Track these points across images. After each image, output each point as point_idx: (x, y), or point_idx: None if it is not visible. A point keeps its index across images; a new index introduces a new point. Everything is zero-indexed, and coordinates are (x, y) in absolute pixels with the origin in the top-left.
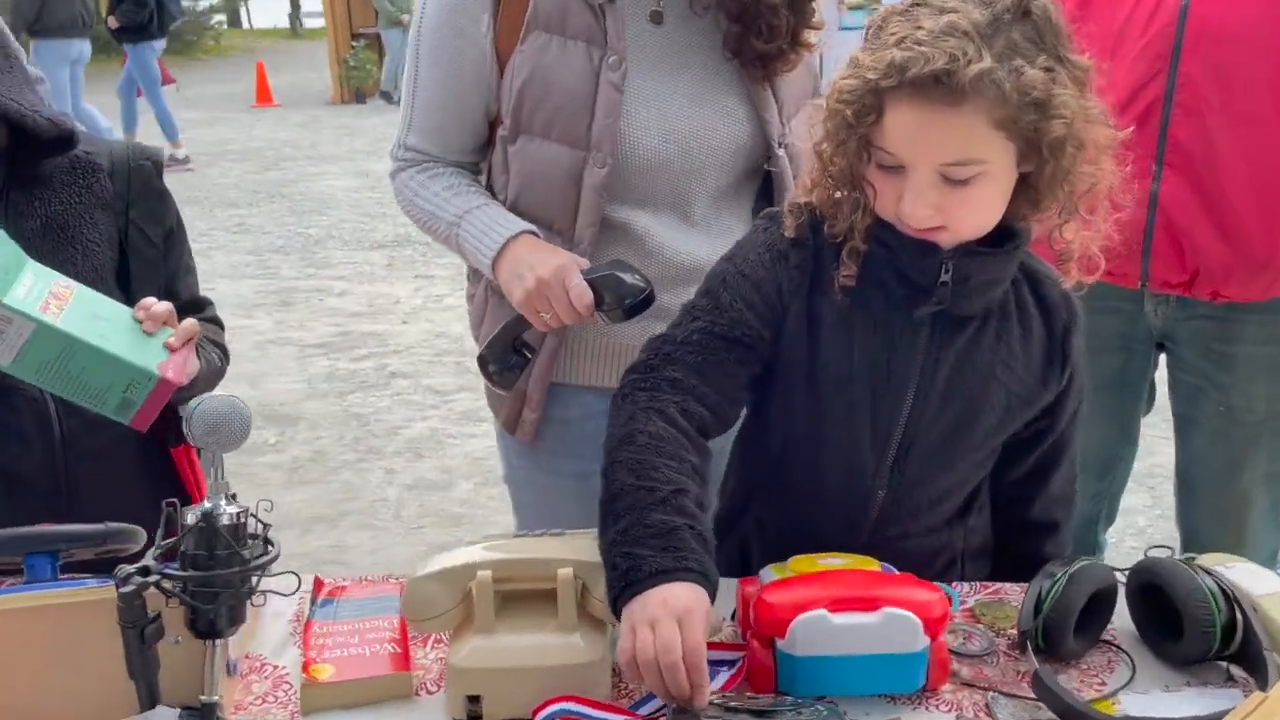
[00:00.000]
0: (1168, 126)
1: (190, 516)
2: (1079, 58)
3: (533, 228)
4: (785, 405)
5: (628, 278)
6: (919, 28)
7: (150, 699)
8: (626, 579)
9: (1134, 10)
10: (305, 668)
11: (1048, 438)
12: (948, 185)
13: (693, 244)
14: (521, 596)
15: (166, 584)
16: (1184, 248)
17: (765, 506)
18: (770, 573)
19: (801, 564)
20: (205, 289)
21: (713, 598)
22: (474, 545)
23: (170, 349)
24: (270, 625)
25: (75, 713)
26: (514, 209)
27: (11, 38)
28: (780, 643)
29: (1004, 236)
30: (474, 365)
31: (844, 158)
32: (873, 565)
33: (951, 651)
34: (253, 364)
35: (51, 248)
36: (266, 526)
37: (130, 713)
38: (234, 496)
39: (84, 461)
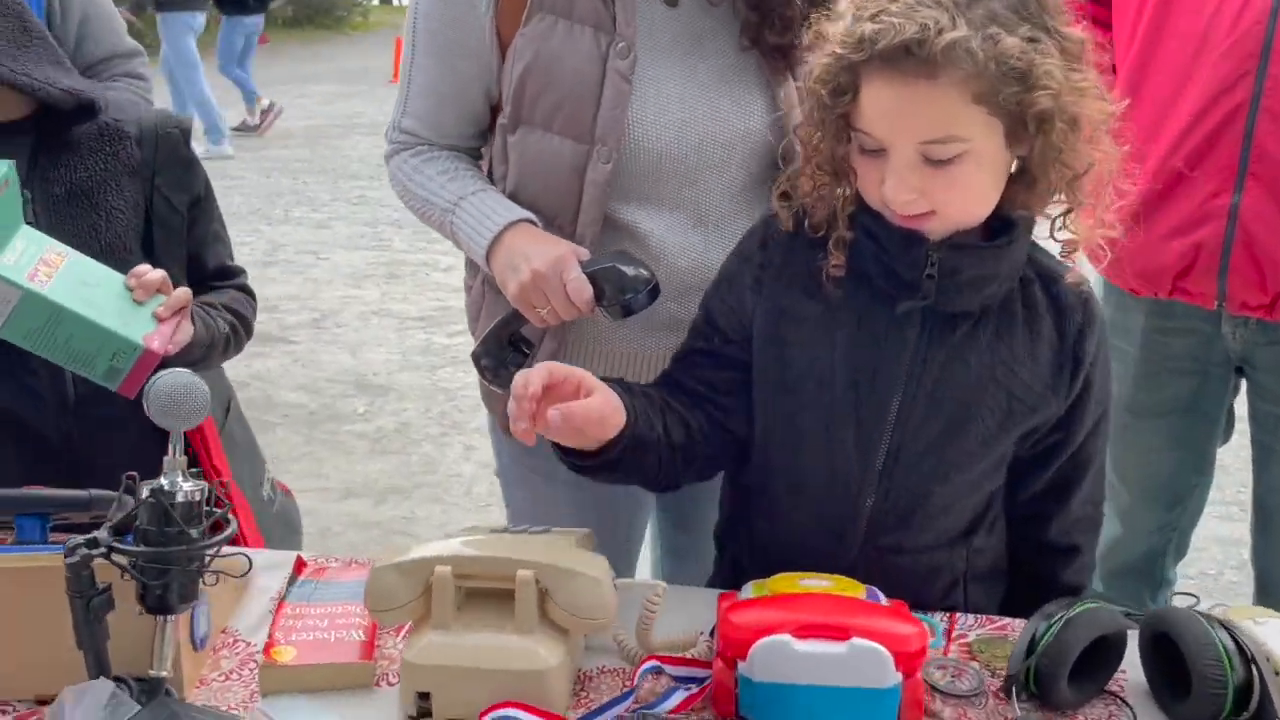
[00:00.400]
0: (1253, 134)
1: (145, 491)
2: (1070, 30)
3: (530, 216)
4: (763, 407)
5: (630, 270)
6: (893, 1)
7: (98, 668)
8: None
9: (1220, 8)
10: (267, 649)
11: (1063, 451)
12: (930, 166)
13: (702, 248)
14: (488, 595)
15: (117, 557)
16: (1265, 267)
17: (755, 516)
18: (749, 590)
19: (781, 583)
20: (321, 259)
21: (628, 422)
22: (452, 539)
23: (158, 318)
24: (254, 602)
25: (29, 674)
26: (513, 201)
27: (32, 15)
28: (741, 666)
29: (1004, 230)
30: None
31: (824, 142)
32: (857, 590)
33: (936, 689)
34: (355, 333)
35: (77, 213)
36: (225, 506)
37: (84, 679)
38: (198, 474)
39: (95, 425)
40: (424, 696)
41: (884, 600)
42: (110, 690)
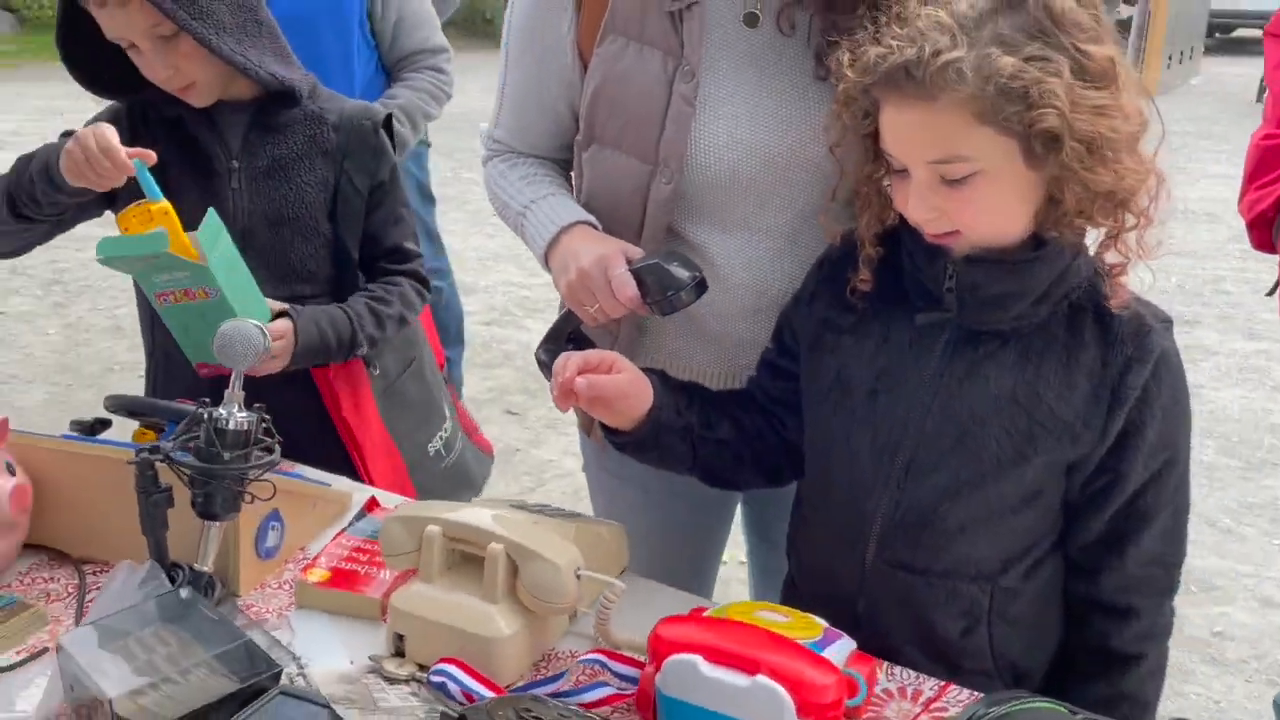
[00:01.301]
0: None
1: (205, 416)
2: (1095, 48)
3: (590, 219)
4: (806, 416)
5: (674, 268)
6: (905, 24)
7: (156, 551)
8: None
9: None
10: (306, 568)
11: (1113, 498)
12: (945, 186)
13: (769, 269)
14: (479, 562)
15: (175, 466)
16: None
17: (796, 528)
18: (711, 611)
19: (737, 609)
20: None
21: (653, 409)
22: (473, 506)
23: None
24: (333, 528)
25: (122, 544)
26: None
27: (266, 10)
28: (657, 677)
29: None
30: None
31: (853, 163)
32: (811, 632)
33: None
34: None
35: (272, 184)
36: (273, 437)
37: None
38: (259, 407)
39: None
40: (400, 638)
41: (843, 649)
42: (151, 572)
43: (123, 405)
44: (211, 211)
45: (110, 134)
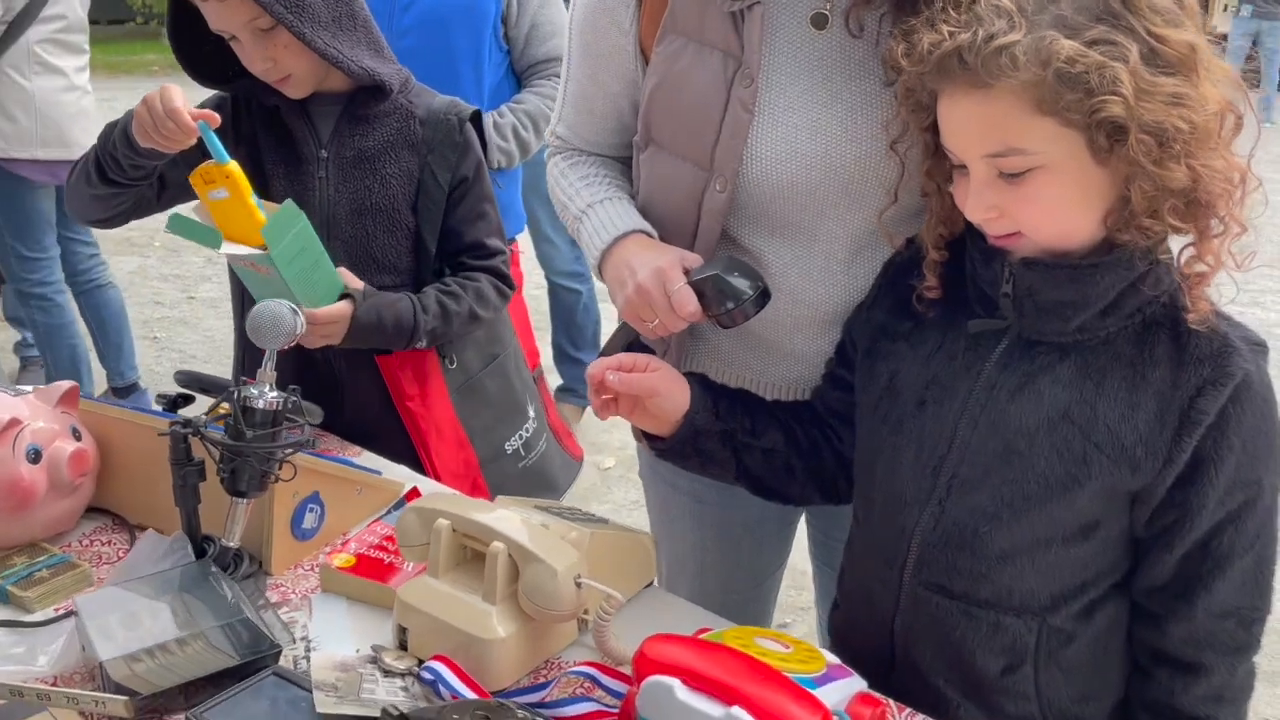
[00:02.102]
0: None
1: (237, 395)
2: (1172, 32)
3: (646, 227)
4: (860, 427)
5: (734, 279)
6: (962, 10)
7: (187, 523)
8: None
9: None
10: (333, 552)
11: (1183, 536)
12: (1004, 182)
13: (828, 282)
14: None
15: (205, 441)
16: None
17: (847, 544)
18: (711, 635)
19: (736, 634)
20: None
21: (688, 417)
22: (495, 505)
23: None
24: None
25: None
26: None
27: (362, 5)
28: (636, 698)
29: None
30: None
31: (915, 161)
32: (814, 665)
33: None
34: None
35: (358, 174)
36: (304, 417)
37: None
38: (295, 389)
39: (346, 356)
40: (404, 630)
41: (846, 688)
42: (175, 543)
43: (194, 381)
44: (289, 202)
45: (176, 95)
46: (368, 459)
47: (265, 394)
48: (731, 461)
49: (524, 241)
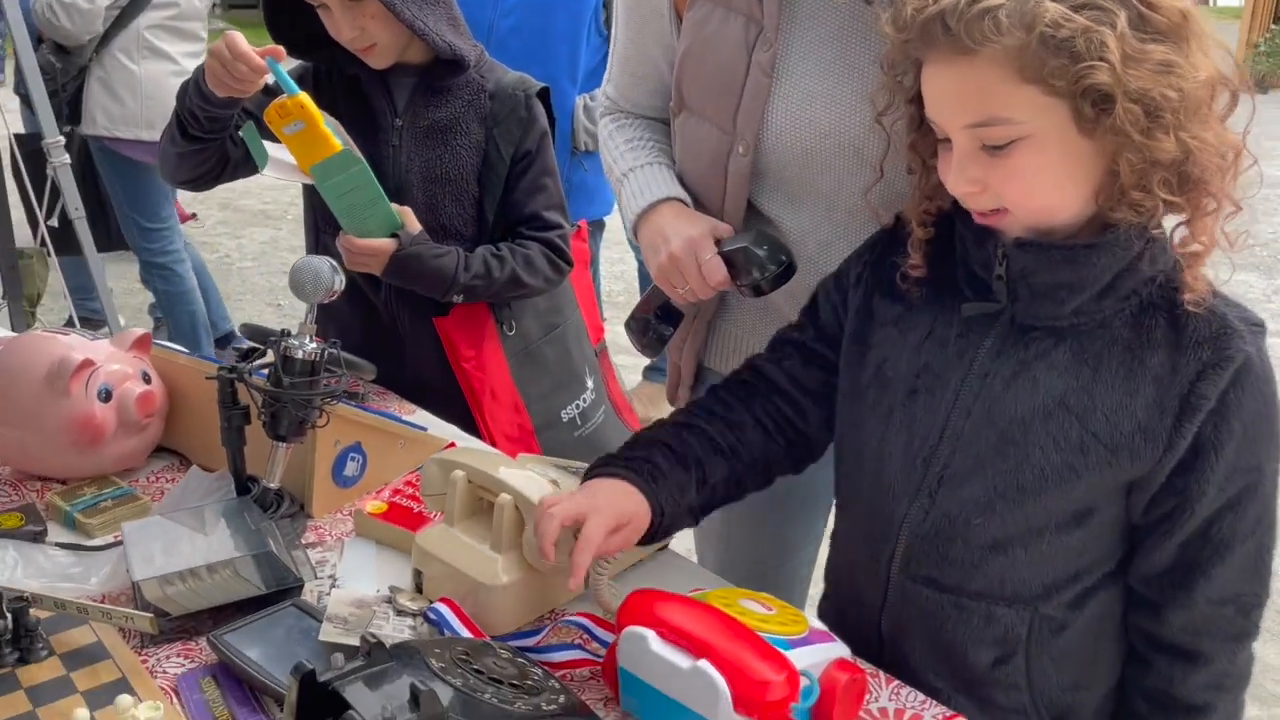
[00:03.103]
0: None
1: (279, 345)
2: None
3: (682, 195)
4: (839, 413)
5: (763, 252)
6: None
7: (232, 463)
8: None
9: None
10: (368, 498)
11: (1182, 523)
12: (987, 154)
13: (848, 250)
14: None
15: (251, 388)
16: None
17: (834, 535)
18: (698, 591)
19: (722, 594)
20: None
21: (654, 523)
22: (518, 460)
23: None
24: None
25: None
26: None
27: None
28: (617, 646)
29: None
30: None
31: (901, 133)
32: (795, 628)
33: None
34: None
35: (429, 144)
36: (344, 367)
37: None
38: (335, 342)
39: (409, 311)
40: (419, 574)
41: (824, 652)
42: (219, 480)
43: (256, 333)
44: (346, 150)
45: (240, 40)
46: (421, 417)
47: (305, 345)
48: (702, 514)
49: (614, 223)
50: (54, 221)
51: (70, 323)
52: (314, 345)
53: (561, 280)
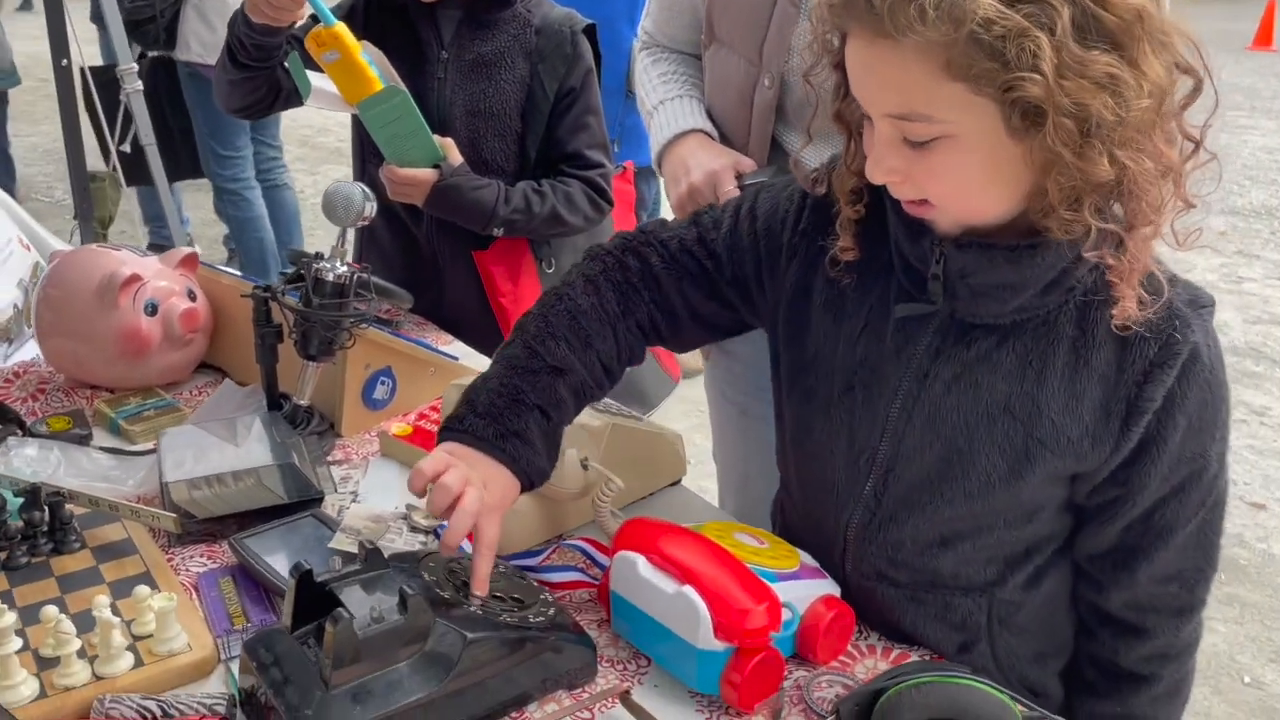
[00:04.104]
0: None
1: (311, 267)
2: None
3: (707, 127)
4: (782, 390)
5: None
6: None
7: (266, 380)
8: (452, 423)
9: None
10: (394, 421)
11: (1124, 512)
12: (909, 147)
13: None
14: None
15: (284, 307)
16: None
17: (782, 526)
18: (695, 524)
19: (717, 526)
20: None
21: (525, 486)
22: None
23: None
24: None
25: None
26: (709, 116)
27: None
28: (611, 571)
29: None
30: None
31: (828, 101)
32: (787, 562)
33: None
34: None
35: (474, 78)
36: (373, 292)
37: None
38: (366, 267)
39: (447, 242)
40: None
41: (813, 588)
42: (251, 394)
43: (297, 256)
44: (390, 85)
45: None
46: (456, 348)
47: (336, 268)
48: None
49: None
50: (125, 147)
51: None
52: (345, 269)
53: (602, 219)
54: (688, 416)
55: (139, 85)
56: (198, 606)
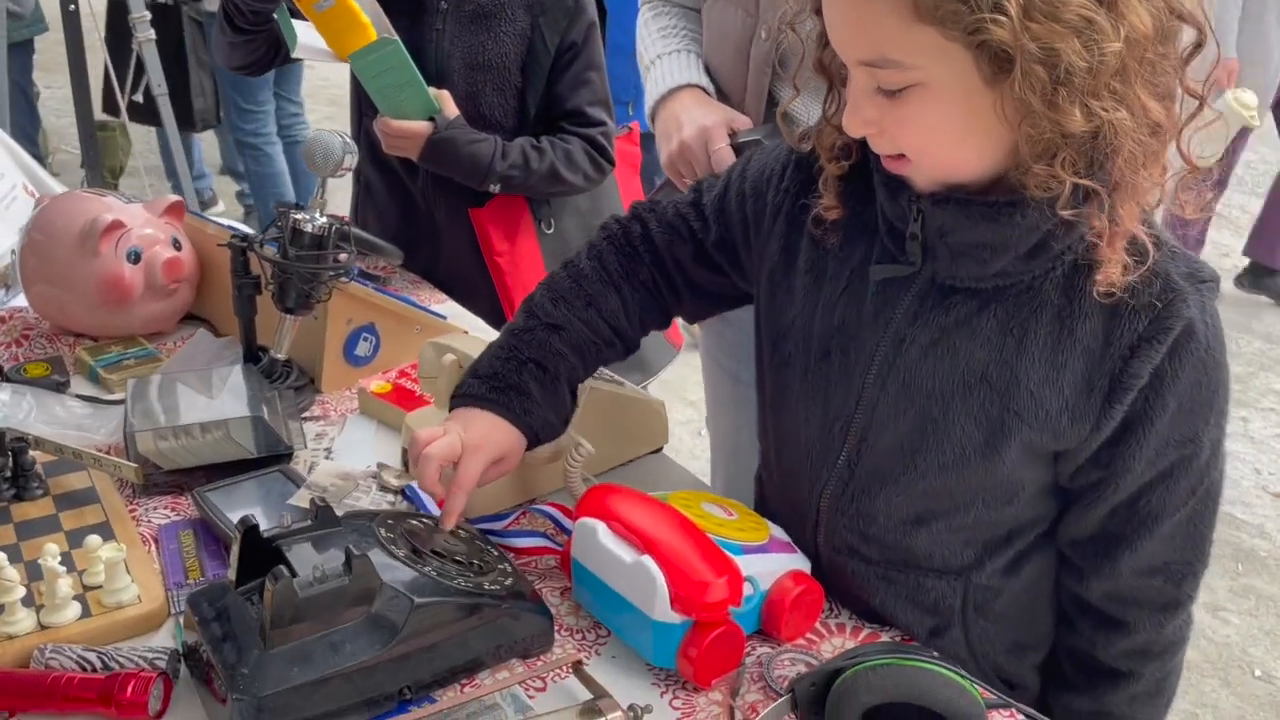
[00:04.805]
0: None
1: (289, 217)
2: None
3: (703, 82)
4: (760, 355)
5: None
6: None
7: (243, 332)
8: (457, 391)
9: None
10: (373, 378)
11: (1107, 494)
12: (883, 97)
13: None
14: None
15: (262, 259)
16: None
17: (759, 498)
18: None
19: (683, 496)
20: None
21: (531, 439)
22: None
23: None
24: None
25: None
26: (706, 72)
27: None
28: (572, 538)
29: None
30: None
31: (811, 49)
32: (755, 535)
33: (766, 673)
34: None
35: (472, 30)
36: (350, 243)
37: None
38: (346, 219)
39: (444, 201)
40: (407, 453)
41: (780, 562)
42: (227, 345)
43: (283, 207)
44: (394, 46)
45: None
46: (449, 308)
47: (315, 219)
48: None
49: None
50: (139, 97)
51: None
52: (324, 220)
53: (602, 179)
54: (701, 388)
55: (151, 34)
56: (154, 559)
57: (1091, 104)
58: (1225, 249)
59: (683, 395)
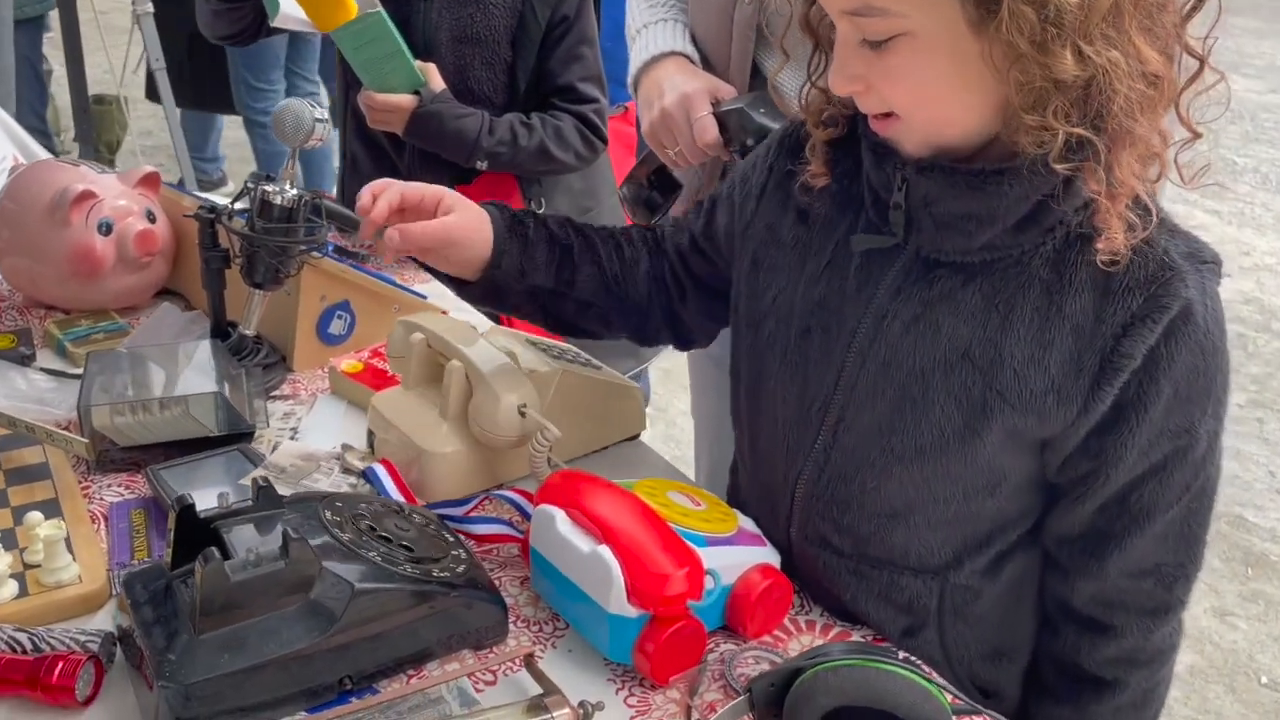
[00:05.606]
0: None
1: (258, 189)
2: None
3: (687, 50)
4: (735, 339)
5: (759, 115)
6: None
7: (213, 306)
8: None
9: None
10: (345, 357)
11: (1096, 489)
12: (869, 49)
13: None
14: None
15: (230, 231)
16: None
17: (733, 487)
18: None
19: (650, 484)
20: None
21: (487, 266)
22: (489, 330)
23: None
24: None
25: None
26: (693, 41)
27: None
28: (531, 526)
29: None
30: None
31: (798, 8)
32: (723, 526)
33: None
34: None
35: (463, 2)
36: (322, 217)
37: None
38: (317, 191)
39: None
40: (372, 434)
41: (747, 554)
42: (194, 319)
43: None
44: (376, 16)
45: None
46: (433, 288)
47: (285, 191)
48: (538, 314)
49: None
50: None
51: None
52: (294, 192)
53: (594, 158)
54: None
55: (149, 7)
56: (102, 538)
57: (1083, 47)
58: (1247, 247)
59: (684, 383)
